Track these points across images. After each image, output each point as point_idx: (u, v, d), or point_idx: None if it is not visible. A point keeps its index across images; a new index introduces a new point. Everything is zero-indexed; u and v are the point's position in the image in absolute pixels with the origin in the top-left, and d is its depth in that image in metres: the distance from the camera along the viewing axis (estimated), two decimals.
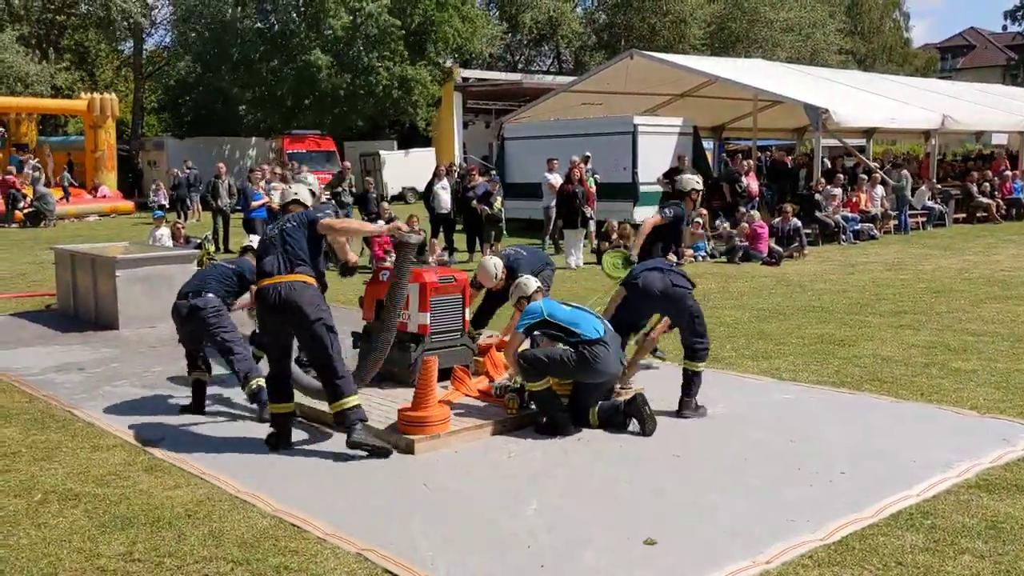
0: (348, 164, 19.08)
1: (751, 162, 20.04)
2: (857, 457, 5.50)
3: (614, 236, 15.69)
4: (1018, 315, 9.81)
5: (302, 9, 34.82)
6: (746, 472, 5.30)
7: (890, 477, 5.13)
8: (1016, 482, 5.02)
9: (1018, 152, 26.21)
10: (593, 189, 16.44)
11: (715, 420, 6.35)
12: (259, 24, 35.57)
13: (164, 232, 14.32)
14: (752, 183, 18.73)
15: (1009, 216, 22.18)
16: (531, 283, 6.79)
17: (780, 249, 15.48)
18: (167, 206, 24.55)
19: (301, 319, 5.64)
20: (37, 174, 26.17)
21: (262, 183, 14.86)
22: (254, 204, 14.47)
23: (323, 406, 6.16)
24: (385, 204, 16.04)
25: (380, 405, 6.46)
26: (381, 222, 14.23)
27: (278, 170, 16.26)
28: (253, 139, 36.28)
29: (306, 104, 34.00)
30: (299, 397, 6.24)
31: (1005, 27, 64.74)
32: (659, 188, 18.54)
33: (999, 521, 4.50)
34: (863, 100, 22.12)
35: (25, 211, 24.73)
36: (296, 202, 6.24)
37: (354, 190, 17.03)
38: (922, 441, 5.77)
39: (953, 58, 70.81)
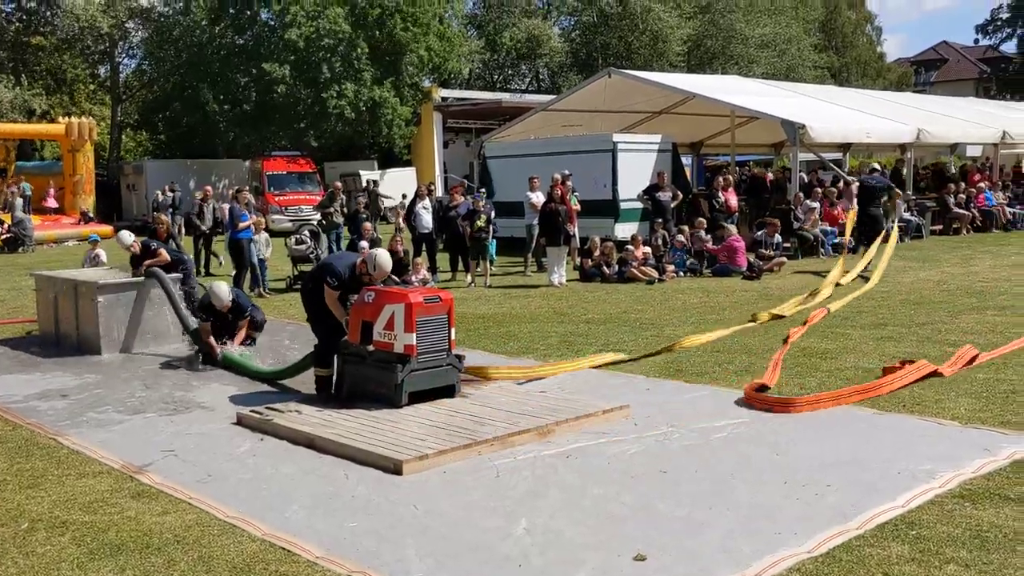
0: (339, 184, 19.17)
1: (730, 177, 20.20)
2: (842, 469, 5.56)
3: (596, 253, 15.79)
4: (995, 325, 9.93)
5: (271, 23, 34.87)
6: (734, 486, 5.34)
7: (875, 488, 5.19)
8: (998, 491, 5.09)
9: (992, 164, 26.59)
10: (576, 207, 16.55)
11: (701, 435, 6.40)
12: (237, 39, 35.62)
13: (100, 252, 14.53)
14: (731, 198, 18.88)
15: (985, 227, 22.45)
16: None
17: (760, 263, 15.62)
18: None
19: None
20: (18, 200, 26.04)
21: (246, 205, 14.88)
22: (241, 225, 14.46)
23: (301, 425, 6.16)
24: (368, 224, 16.05)
25: (364, 426, 6.48)
26: (364, 243, 14.30)
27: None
28: (232, 161, 36.27)
29: (270, 118, 33.85)
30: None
31: (977, 40, 65.79)
32: (639, 205, 18.67)
33: (983, 530, 4.56)
34: (839, 115, 22.38)
35: (3, 237, 24.58)
36: None
37: (345, 210, 17.09)
38: (906, 452, 5.83)
39: (927, 72, 71.74)
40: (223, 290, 9.40)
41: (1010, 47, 63.11)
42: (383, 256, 7.63)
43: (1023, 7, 58.91)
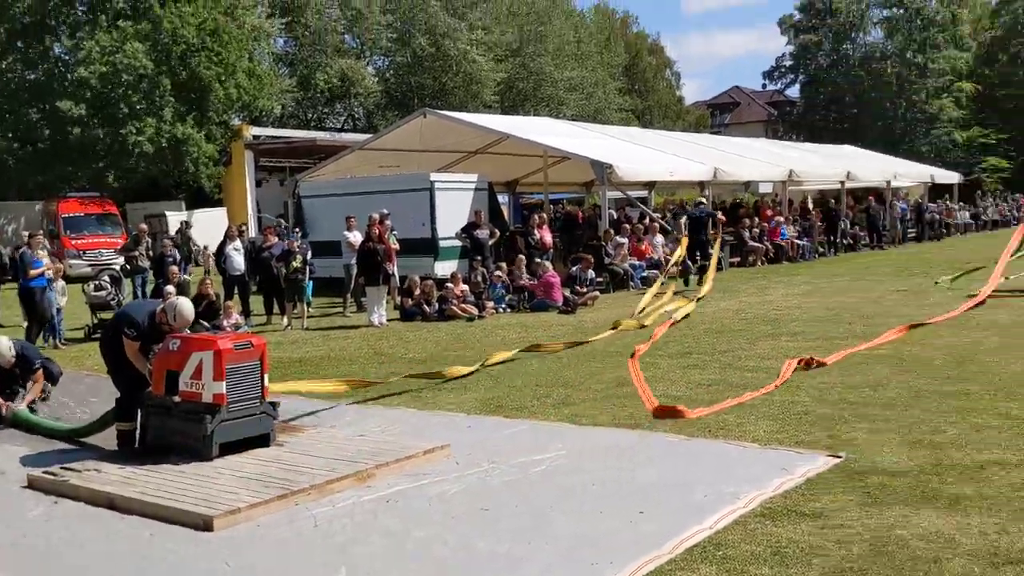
0: (144, 227, 18.27)
1: (544, 215, 20.77)
2: (654, 495, 5.76)
3: (416, 292, 15.78)
4: (789, 350, 10.62)
5: (66, 58, 32.98)
6: (552, 519, 5.42)
7: (686, 512, 5.40)
8: (795, 508, 5.42)
9: (781, 200, 28.69)
10: (395, 246, 16.51)
11: (521, 469, 6.46)
12: (28, 74, 33.44)
13: None
14: (546, 235, 19.41)
15: (777, 259, 24.15)
16: None
17: (575, 297, 16.09)
18: None
19: None
20: None
21: (41, 250, 13.88)
22: (33, 272, 13.43)
23: (100, 485, 5.77)
24: (174, 268, 15.32)
25: (171, 481, 6.15)
26: (170, 288, 13.64)
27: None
28: (24, 203, 33.82)
29: (65, 156, 31.90)
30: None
31: (765, 85, 70.91)
32: (458, 243, 18.86)
33: (782, 546, 4.83)
34: (643, 155, 23.54)
35: None
36: None
37: (151, 253, 16.26)
38: (713, 475, 6.11)
39: (721, 114, 76.87)
40: (4, 345, 8.70)
41: (794, 92, 68.58)
42: (184, 305, 7.30)
43: (803, 56, 64.13)
